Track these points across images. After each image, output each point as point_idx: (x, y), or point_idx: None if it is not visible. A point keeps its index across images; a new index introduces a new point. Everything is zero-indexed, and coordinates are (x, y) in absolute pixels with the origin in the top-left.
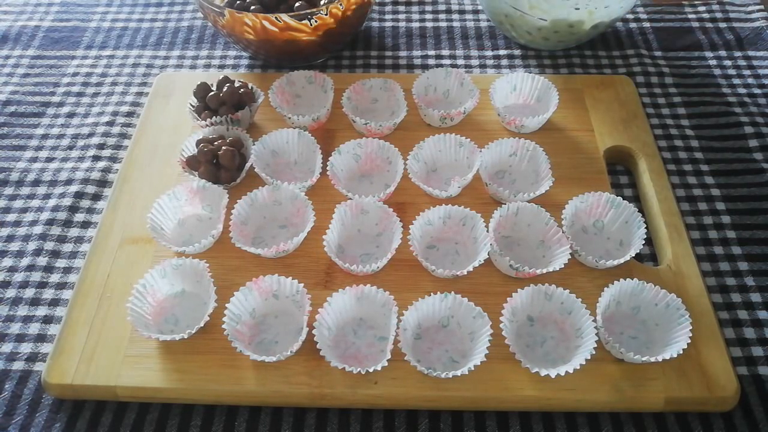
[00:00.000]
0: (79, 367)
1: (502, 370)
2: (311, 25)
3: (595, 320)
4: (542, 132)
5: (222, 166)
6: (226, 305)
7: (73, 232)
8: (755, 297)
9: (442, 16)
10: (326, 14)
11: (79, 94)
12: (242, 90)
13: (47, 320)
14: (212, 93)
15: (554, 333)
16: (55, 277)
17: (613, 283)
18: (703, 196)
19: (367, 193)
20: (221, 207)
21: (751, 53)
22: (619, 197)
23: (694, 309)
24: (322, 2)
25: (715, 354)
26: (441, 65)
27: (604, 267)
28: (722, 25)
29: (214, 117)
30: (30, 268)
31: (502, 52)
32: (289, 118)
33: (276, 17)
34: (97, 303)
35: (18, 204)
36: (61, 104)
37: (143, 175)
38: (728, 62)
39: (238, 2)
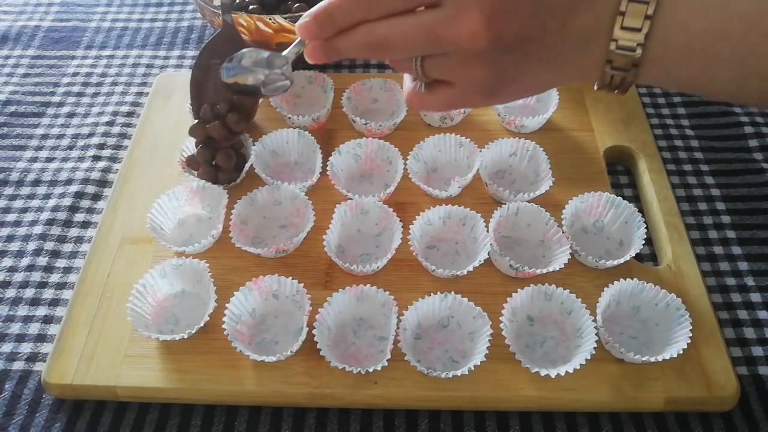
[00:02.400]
0: (79, 367)
1: (502, 370)
2: None
3: (595, 320)
4: (542, 132)
5: (219, 167)
6: (226, 305)
7: (73, 232)
8: (755, 297)
9: None
10: None
11: (79, 94)
12: None
13: (47, 320)
14: None
15: (554, 333)
16: (55, 277)
17: (613, 283)
18: (703, 196)
19: (367, 193)
20: (221, 207)
21: None
22: (619, 197)
23: (694, 309)
24: None
25: (715, 354)
26: None
27: (604, 267)
28: None
29: None
30: (30, 268)
31: None
32: (289, 118)
33: (270, 18)
34: (97, 303)
35: (18, 204)
36: (61, 104)
37: (143, 175)
38: None
39: (236, 2)
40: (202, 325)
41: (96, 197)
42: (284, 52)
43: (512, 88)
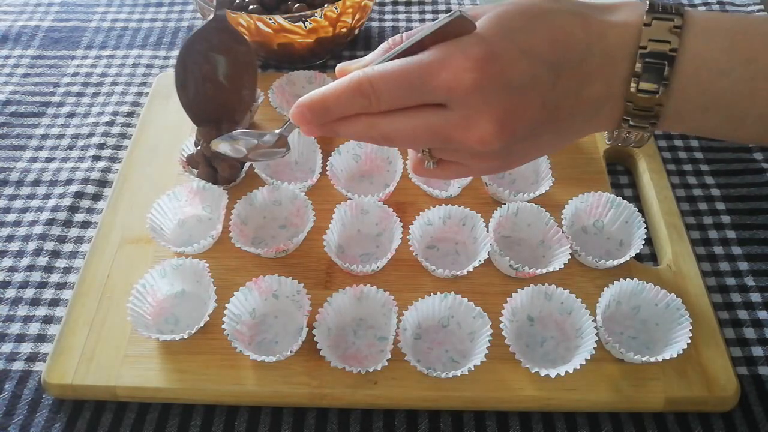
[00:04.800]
0: (79, 367)
1: (502, 370)
2: (305, 27)
3: (595, 320)
4: None
5: (217, 169)
6: (226, 305)
7: (73, 232)
8: (755, 297)
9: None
10: (321, 17)
11: (79, 94)
12: None
13: (47, 320)
14: None
15: (554, 333)
16: (55, 277)
17: (613, 283)
18: (703, 196)
19: (367, 193)
20: (221, 207)
21: None
22: (619, 197)
23: (694, 309)
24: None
25: (715, 354)
26: None
27: (604, 267)
28: None
29: None
30: (30, 268)
31: None
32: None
33: (270, 19)
34: (97, 303)
35: (18, 204)
36: (61, 104)
37: (143, 175)
38: None
39: (236, 2)
40: (202, 325)
41: (96, 197)
42: (277, 130)
43: (523, 160)
